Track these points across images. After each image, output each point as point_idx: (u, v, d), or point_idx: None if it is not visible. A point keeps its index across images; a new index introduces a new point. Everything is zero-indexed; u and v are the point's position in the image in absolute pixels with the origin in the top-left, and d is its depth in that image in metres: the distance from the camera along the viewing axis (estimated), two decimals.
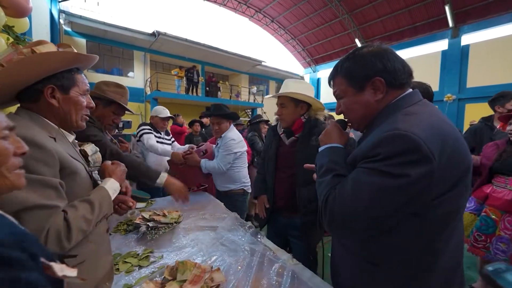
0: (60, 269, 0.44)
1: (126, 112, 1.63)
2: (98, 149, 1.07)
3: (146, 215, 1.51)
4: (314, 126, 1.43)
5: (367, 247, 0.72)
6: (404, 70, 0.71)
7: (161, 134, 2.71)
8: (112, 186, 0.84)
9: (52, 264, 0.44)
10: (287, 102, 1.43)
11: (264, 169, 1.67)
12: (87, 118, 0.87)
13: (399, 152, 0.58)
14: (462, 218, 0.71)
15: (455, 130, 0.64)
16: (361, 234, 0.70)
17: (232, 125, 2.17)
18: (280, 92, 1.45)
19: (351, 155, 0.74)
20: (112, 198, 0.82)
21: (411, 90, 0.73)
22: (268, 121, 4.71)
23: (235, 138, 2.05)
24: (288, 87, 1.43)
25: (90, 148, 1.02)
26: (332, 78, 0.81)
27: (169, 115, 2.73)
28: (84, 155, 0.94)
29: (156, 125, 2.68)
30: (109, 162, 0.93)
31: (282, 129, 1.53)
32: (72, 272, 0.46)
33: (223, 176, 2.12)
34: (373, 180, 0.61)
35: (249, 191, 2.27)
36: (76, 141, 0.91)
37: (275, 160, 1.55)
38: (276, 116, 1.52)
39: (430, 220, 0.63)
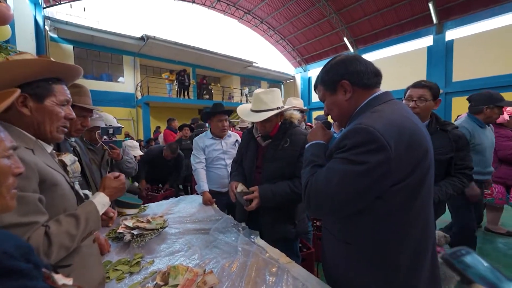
0: (59, 279, 0.47)
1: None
2: (77, 159, 1.04)
3: (129, 223, 1.45)
4: (287, 129, 1.48)
5: (342, 228, 0.84)
6: (367, 71, 0.81)
7: None
8: (101, 201, 0.83)
9: (52, 274, 0.47)
10: (270, 117, 1.40)
11: (239, 169, 1.66)
12: (65, 130, 0.83)
13: (360, 143, 0.69)
14: (429, 208, 0.78)
15: (415, 124, 0.74)
16: (334, 214, 0.83)
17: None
18: (255, 108, 1.43)
19: (329, 148, 0.85)
20: (101, 212, 0.81)
21: (382, 91, 0.84)
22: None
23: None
24: (262, 102, 1.40)
25: (68, 158, 0.99)
26: (315, 87, 0.96)
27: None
28: (63, 165, 0.91)
29: None
30: (110, 174, 0.92)
31: (259, 133, 1.54)
32: (69, 281, 0.49)
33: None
34: (341, 167, 0.72)
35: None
36: (54, 151, 0.88)
37: (255, 161, 1.57)
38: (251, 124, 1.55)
39: (393, 204, 0.72)
